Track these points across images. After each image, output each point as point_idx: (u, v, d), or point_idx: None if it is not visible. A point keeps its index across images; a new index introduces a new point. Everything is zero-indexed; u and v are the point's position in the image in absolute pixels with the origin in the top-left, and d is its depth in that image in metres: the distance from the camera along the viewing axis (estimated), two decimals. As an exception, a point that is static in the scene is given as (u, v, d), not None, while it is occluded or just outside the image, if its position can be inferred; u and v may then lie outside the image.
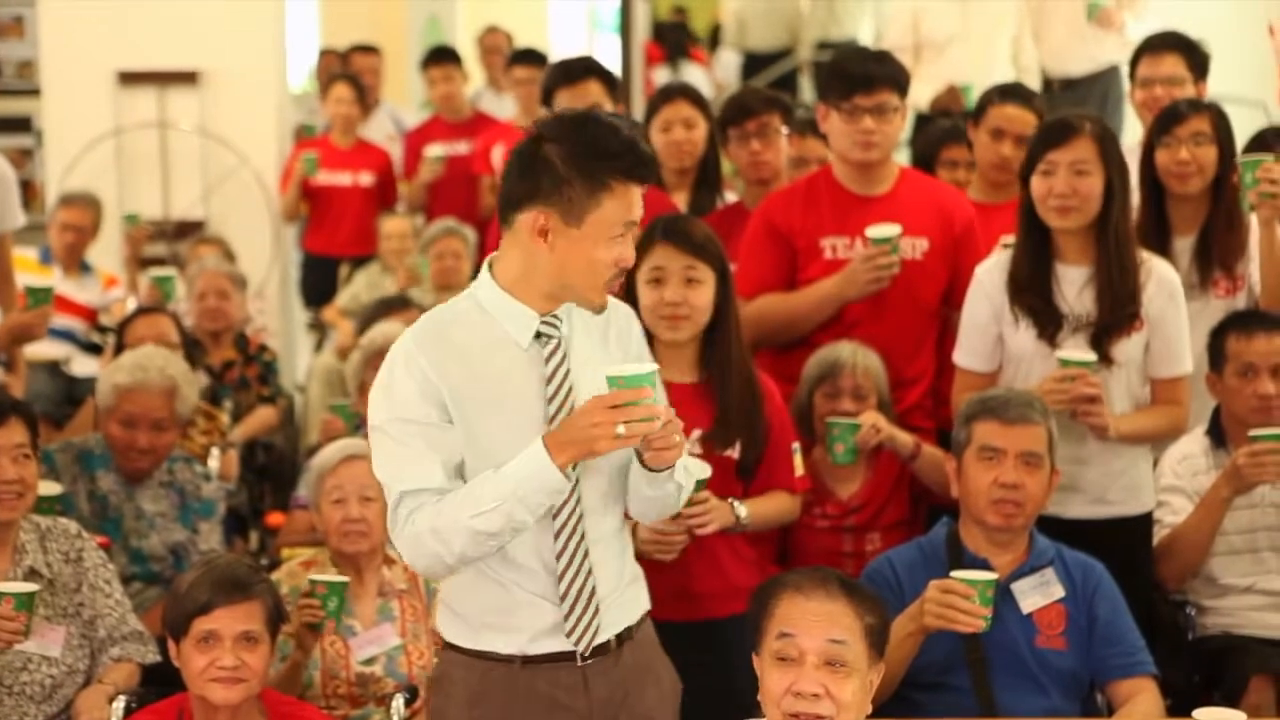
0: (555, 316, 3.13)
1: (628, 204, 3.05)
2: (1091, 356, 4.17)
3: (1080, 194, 4.17)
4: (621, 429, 2.93)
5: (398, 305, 6.38)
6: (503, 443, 3.06)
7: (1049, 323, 4.23)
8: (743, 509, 3.93)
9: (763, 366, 4.44)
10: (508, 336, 3.11)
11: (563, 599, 3.11)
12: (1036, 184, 4.22)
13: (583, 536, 3.11)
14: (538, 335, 3.12)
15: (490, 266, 3.17)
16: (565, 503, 3.09)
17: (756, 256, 4.66)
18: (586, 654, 3.15)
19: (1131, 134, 5.57)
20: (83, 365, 7.00)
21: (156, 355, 5.03)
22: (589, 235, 3.04)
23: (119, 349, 5.57)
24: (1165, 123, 4.76)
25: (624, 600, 3.22)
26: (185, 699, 3.68)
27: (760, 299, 4.61)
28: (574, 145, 3.04)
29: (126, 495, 4.83)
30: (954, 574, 3.64)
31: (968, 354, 4.38)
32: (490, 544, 3.04)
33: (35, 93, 8.67)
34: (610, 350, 3.22)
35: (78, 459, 4.84)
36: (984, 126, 5.23)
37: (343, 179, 8.39)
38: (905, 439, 4.41)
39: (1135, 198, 4.54)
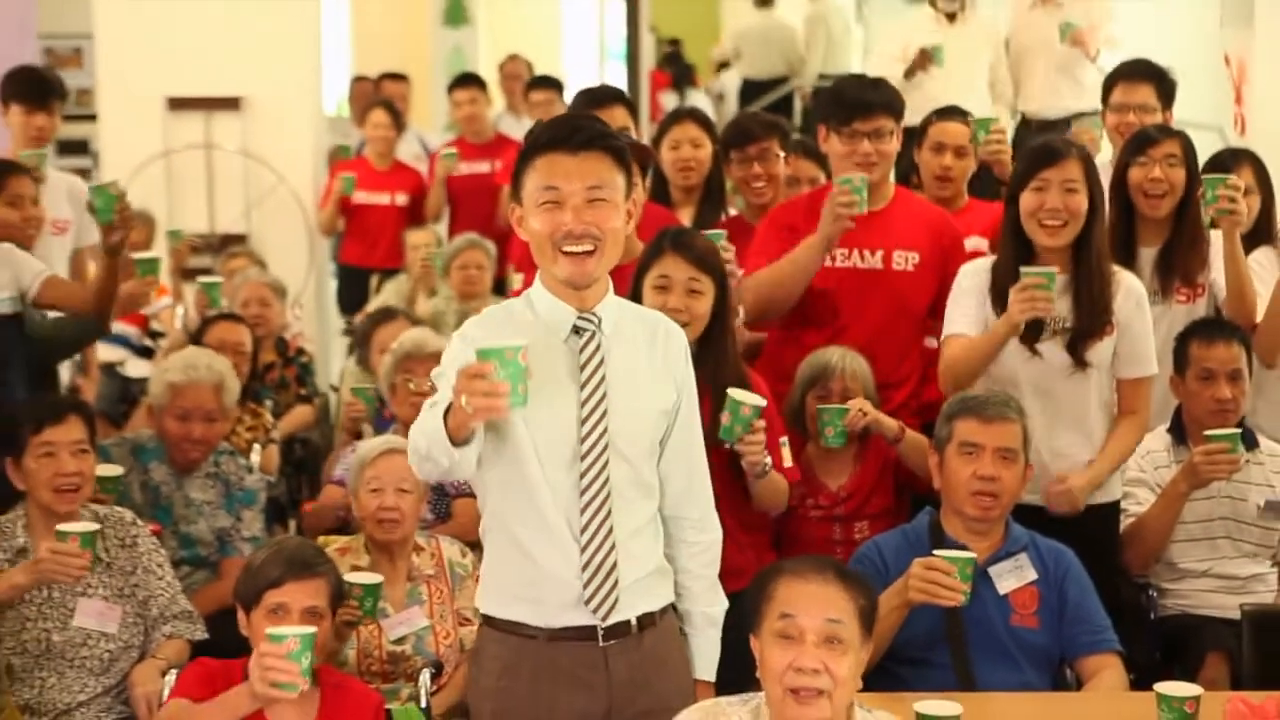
0: (592, 313, 3.16)
1: (544, 171, 3.11)
2: (1053, 269, 4.12)
3: (1070, 210, 4.18)
4: (464, 400, 2.80)
5: (386, 317, 6.27)
6: (535, 426, 3.07)
7: (1030, 327, 4.23)
8: (768, 458, 4.02)
9: (759, 368, 4.48)
10: (549, 330, 3.15)
11: (584, 568, 3.11)
12: (1028, 199, 4.21)
13: (609, 514, 3.11)
14: (576, 330, 3.15)
15: (541, 273, 3.23)
16: (595, 479, 3.10)
17: (766, 250, 4.66)
18: (605, 626, 3.14)
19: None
20: (135, 367, 7.02)
21: (202, 354, 5.09)
22: (529, 210, 3.14)
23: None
24: (1140, 144, 4.78)
25: (647, 587, 3.21)
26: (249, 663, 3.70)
27: (756, 273, 4.63)
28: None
29: (176, 485, 4.86)
30: (936, 553, 3.67)
31: (958, 324, 4.30)
32: (426, 466, 3.00)
33: (92, 118, 8.69)
34: (655, 352, 3.23)
35: (132, 452, 4.87)
36: (926, 144, 5.29)
37: (381, 199, 8.41)
38: (890, 423, 4.44)
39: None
